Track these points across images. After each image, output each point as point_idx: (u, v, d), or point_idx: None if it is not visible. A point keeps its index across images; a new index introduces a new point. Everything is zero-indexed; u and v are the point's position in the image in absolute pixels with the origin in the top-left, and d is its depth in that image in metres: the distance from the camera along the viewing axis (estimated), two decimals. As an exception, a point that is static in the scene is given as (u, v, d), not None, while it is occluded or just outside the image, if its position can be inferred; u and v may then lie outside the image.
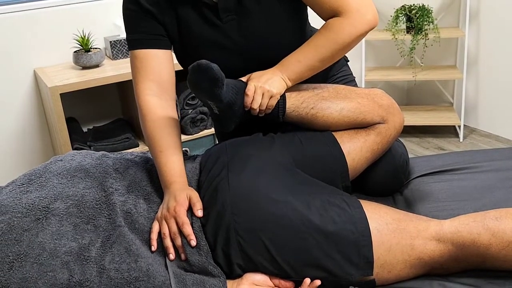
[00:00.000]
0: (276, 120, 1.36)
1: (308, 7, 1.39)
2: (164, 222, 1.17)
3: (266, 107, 1.31)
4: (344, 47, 1.31)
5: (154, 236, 1.17)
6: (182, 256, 1.15)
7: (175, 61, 1.44)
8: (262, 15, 1.34)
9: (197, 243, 1.14)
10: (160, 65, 1.35)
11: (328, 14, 1.32)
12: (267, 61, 1.35)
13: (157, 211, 1.23)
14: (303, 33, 1.45)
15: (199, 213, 1.17)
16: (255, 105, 1.29)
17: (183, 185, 1.24)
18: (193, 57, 1.29)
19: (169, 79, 1.37)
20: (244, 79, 1.33)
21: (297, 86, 1.37)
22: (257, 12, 1.33)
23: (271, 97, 1.30)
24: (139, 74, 1.35)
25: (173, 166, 1.26)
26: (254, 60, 1.37)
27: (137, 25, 1.35)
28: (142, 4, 1.32)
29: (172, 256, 1.14)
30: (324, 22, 1.34)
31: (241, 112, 1.31)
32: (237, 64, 1.36)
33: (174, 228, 1.16)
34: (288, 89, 1.34)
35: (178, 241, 1.15)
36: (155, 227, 1.18)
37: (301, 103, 1.34)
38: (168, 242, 1.15)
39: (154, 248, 1.15)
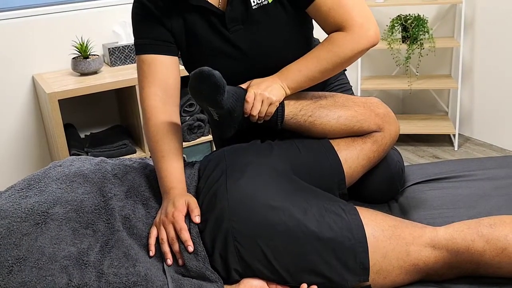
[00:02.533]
0: (275, 127, 1.37)
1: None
2: (162, 228, 1.18)
3: (265, 114, 1.32)
4: (345, 61, 1.32)
5: (152, 241, 1.17)
6: (180, 261, 1.15)
7: (181, 67, 1.46)
8: (269, 26, 1.35)
9: (194, 249, 1.15)
10: (166, 71, 1.36)
11: (331, 28, 1.33)
12: (272, 71, 1.37)
13: (155, 217, 1.24)
14: (309, 44, 1.47)
15: (197, 219, 1.18)
16: (255, 112, 1.31)
17: (182, 191, 1.25)
18: (200, 64, 1.30)
19: (175, 86, 1.38)
20: (244, 86, 1.35)
21: (295, 94, 1.38)
22: (264, 22, 1.35)
23: (270, 104, 1.31)
24: (146, 79, 1.36)
25: (173, 172, 1.27)
26: (260, 69, 1.38)
27: (146, 30, 1.36)
28: (151, 9, 1.34)
29: (169, 261, 1.15)
30: (327, 35, 1.35)
31: (241, 118, 1.32)
32: (243, 72, 1.38)
33: (172, 233, 1.16)
34: (287, 97, 1.36)
35: (176, 247, 1.16)
36: (153, 232, 1.19)
37: (299, 111, 1.36)
38: (166, 247, 1.16)
39: (152, 253, 1.16)
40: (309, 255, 1.13)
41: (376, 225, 1.17)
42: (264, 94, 1.30)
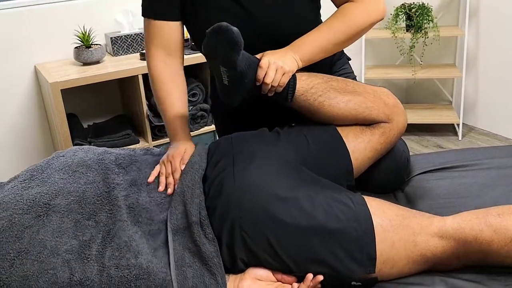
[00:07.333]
0: (284, 102, 1.35)
1: None
2: (163, 165, 1.33)
3: (278, 84, 1.30)
4: (358, 32, 1.36)
5: (155, 172, 1.31)
6: (169, 190, 1.26)
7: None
8: None
9: (203, 230, 1.15)
10: (171, 34, 1.43)
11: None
12: (274, 37, 1.36)
13: (159, 202, 1.24)
14: (315, 17, 1.46)
15: (182, 167, 1.31)
16: (268, 80, 1.28)
17: (184, 138, 1.44)
18: (202, 22, 1.31)
19: (177, 47, 1.47)
20: (257, 56, 1.32)
21: (308, 72, 1.36)
22: None
23: (283, 74, 1.29)
24: (151, 39, 1.45)
25: (179, 121, 1.45)
26: (262, 34, 1.37)
27: None
28: None
29: (161, 188, 1.27)
30: (337, 8, 1.38)
31: (251, 86, 1.30)
32: (245, 35, 1.32)
33: (168, 170, 1.31)
34: (299, 73, 1.34)
35: (170, 179, 1.29)
36: (157, 167, 1.33)
37: (310, 88, 1.34)
38: (162, 179, 1.30)
39: (151, 179, 1.29)
40: (315, 246, 1.13)
41: (383, 214, 1.16)
42: (278, 63, 1.28)
